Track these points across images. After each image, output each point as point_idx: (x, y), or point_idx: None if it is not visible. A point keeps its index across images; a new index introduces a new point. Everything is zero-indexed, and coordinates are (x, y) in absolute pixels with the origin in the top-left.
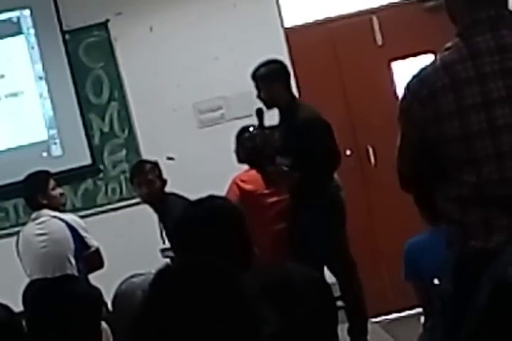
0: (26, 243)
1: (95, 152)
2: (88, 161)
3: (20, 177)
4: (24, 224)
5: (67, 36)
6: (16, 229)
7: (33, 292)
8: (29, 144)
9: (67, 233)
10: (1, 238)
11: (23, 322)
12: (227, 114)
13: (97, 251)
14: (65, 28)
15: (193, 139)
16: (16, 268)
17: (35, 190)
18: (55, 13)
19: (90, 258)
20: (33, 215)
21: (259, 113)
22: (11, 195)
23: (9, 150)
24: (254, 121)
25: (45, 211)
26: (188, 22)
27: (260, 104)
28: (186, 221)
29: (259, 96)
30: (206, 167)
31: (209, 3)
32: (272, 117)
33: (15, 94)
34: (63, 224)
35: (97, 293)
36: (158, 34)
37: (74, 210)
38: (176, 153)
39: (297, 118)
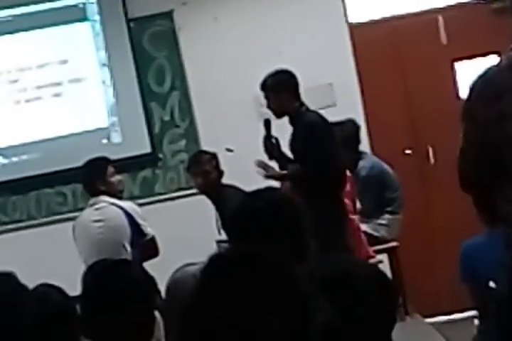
0: (83, 228)
1: (155, 141)
2: (148, 150)
3: (80, 163)
4: (82, 209)
5: (131, 24)
6: (74, 214)
7: (92, 275)
8: (90, 130)
9: (124, 220)
10: (58, 222)
11: (77, 306)
12: None
13: (153, 239)
14: (130, 16)
15: (252, 132)
16: (72, 252)
17: (94, 176)
18: (121, 1)
19: (146, 246)
20: (91, 201)
21: (267, 123)
22: (69, 180)
23: (70, 135)
24: None
25: (103, 197)
26: (253, 14)
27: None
28: (245, 210)
29: (268, 106)
30: (264, 160)
31: None
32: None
33: (78, 80)
34: (120, 211)
35: (151, 281)
36: (222, 25)
37: (132, 198)
38: (235, 145)
39: (299, 125)
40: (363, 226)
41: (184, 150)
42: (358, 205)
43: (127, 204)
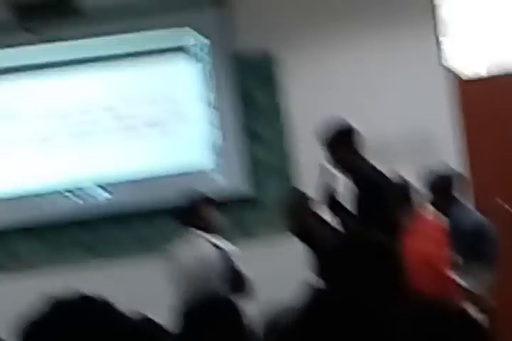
0: (179, 264)
1: (257, 184)
2: (248, 192)
3: (181, 202)
4: (179, 245)
5: (239, 65)
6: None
7: (186, 308)
8: (194, 170)
9: (219, 258)
10: (156, 257)
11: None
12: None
13: (244, 277)
14: (238, 57)
15: None
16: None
17: (195, 215)
18: (230, 43)
19: (236, 283)
20: (189, 237)
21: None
22: (170, 218)
23: (173, 175)
24: (410, 162)
25: (202, 234)
26: (355, 59)
27: None
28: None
29: (331, 163)
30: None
31: (373, 41)
32: None
33: (182, 119)
34: (216, 249)
35: (242, 314)
36: (326, 68)
37: (228, 238)
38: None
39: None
40: (457, 278)
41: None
42: (453, 256)
43: (223, 243)
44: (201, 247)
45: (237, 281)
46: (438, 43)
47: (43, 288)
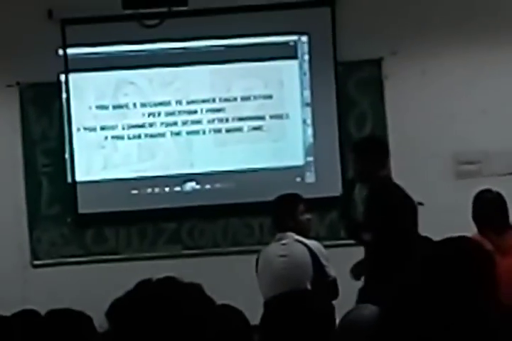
0: (267, 262)
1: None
2: (339, 192)
3: (271, 198)
4: (267, 243)
5: (339, 67)
6: (258, 247)
7: (270, 308)
8: (285, 167)
9: (309, 258)
10: (242, 254)
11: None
12: (486, 169)
13: (335, 281)
14: (338, 58)
15: (446, 189)
16: (250, 284)
17: (285, 212)
18: (331, 44)
19: (327, 288)
20: (278, 236)
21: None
22: (259, 213)
23: (265, 169)
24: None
25: (290, 234)
26: (461, 69)
27: None
28: (436, 257)
29: (353, 169)
30: (454, 218)
31: (486, 53)
32: None
33: (279, 116)
34: (306, 249)
35: (331, 311)
36: (430, 78)
37: (318, 238)
38: (427, 200)
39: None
40: None
41: None
42: None
43: (313, 243)
44: (292, 246)
45: (326, 285)
46: None
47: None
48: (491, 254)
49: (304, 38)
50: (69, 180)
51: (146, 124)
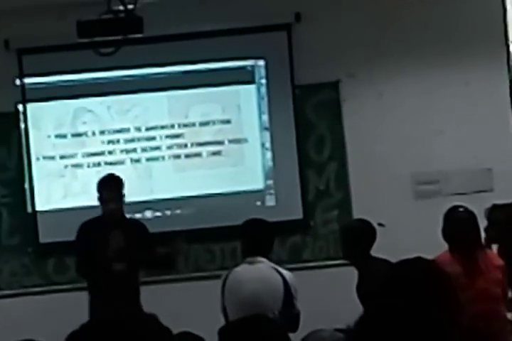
0: (236, 284)
1: (307, 208)
2: (299, 216)
3: (231, 222)
4: (228, 268)
5: (297, 91)
6: (220, 272)
7: (227, 333)
8: (245, 191)
9: (281, 287)
10: (204, 279)
11: None
12: (445, 189)
13: (298, 315)
14: (296, 82)
15: (406, 209)
16: (213, 309)
17: (259, 237)
18: (288, 67)
19: (289, 320)
20: (248, 259)
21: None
22: (220, 239)
23: (225, 194)
24: (470, 199)
25: (262, 258)
26: (418, 92)
27: None
28: (394, 279)
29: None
30: (415, 239)
31: (440, 76)
32: None
33: (238, 141)
34: (280, 278)
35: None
36: (387, 100)
37: (279, 262)
38: (388, 220)
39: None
40: (510, 316)
41: (336, 220)
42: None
43: (287, 273)
44: (265, 271)
45: (289, 317)
46: (509, 83)
47: None
48: (447, 275)
49: (261, 63)
50: (29, 209)
51: (105, 152)
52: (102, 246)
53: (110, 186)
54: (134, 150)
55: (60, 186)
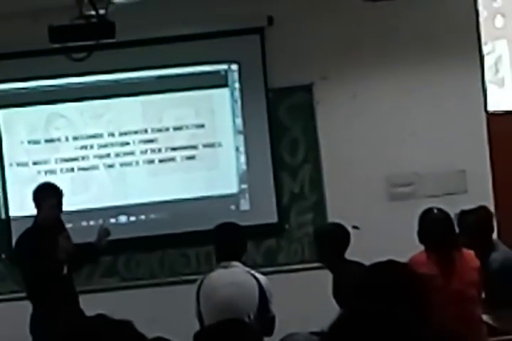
0: (211, 288)
1: (282, 211)
2: (274, 219)
3: (205, 227)
4: (203, 273)
5: (270, 94)
6: (195, 276)
7: (203, 337)
8: (219, 195)
9: (256, 291)
10: (179, 284)
11: None
12: (419, 191)
13: (273, 319)
14: (269, 85)
15: (381, 211)
16: (188, 314)
17: (231, 241)
18: (261, 71)
19: (264, 324)
20: (223, 264)
21: None
22: (194, 243)
23: (199, 198)
24: (444, 201)
25: (237, 263)
26: (391, 93)
27: None
28: (368, 283)
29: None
30: (390, 241)
31: (414, 77)
32: None
33: (212, 145)
34: (255, 282)
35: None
36: (360, 102)
37: (254, 266)
38: (362, 223)
39: None
40: (485, 317)
41: (310, 223)
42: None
43: (262, 277)
44: (240, 276)
45: (264, 321)
46: (482, 85)
47: None
48: (420, 278)
49: (234, 66)
50: (2, 215)
51: (78, 157)
52: (48, 251)
53: (46, 194)
54: (108, 155)
55: None
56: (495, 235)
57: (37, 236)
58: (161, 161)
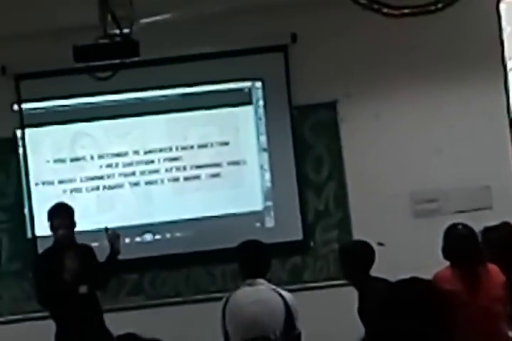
0: (237, 307)
1: (307, 228)
2: (299, 236)
3: (231, 244)
4: (229, 290)
5: (294, 112)
6: (221, 294)
7: None
8: (244, 213)
9: (282, 308)
10: (205, 301)
11: None
12: (444, 207)
13: (299, 335)
14: (293, 103)
15: (406, 228)
16: (214, 332)
17: (256, 259)
18: (285, 88)
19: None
20: (248, 281)
21: None
22: (220, 261)
23: (224, 216)
24: (469, 217)
25: (262, 280)
26: (415, 111)
27: None
28: (390, 300)
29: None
30: (415, 258)
31: (438, 95)
32: None
33: (237, 163)
34: (280, 299)
35: None
36: (384, 120)
37: (280, 283)
38: (388, 240)
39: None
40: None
41: (336, 240)
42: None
43: (288, 295)
44: (266, 294)
45: (290, 338)
46: (506, 101)
47: None
48: (443, 295)
49: (258, 84)
50: (29, 235)
51: (104, 176)
52: (60, 271)
53: (60, 214)
54: (133, 173)
55: None
56: None
57: (49, 256)
58: (185, 179)
